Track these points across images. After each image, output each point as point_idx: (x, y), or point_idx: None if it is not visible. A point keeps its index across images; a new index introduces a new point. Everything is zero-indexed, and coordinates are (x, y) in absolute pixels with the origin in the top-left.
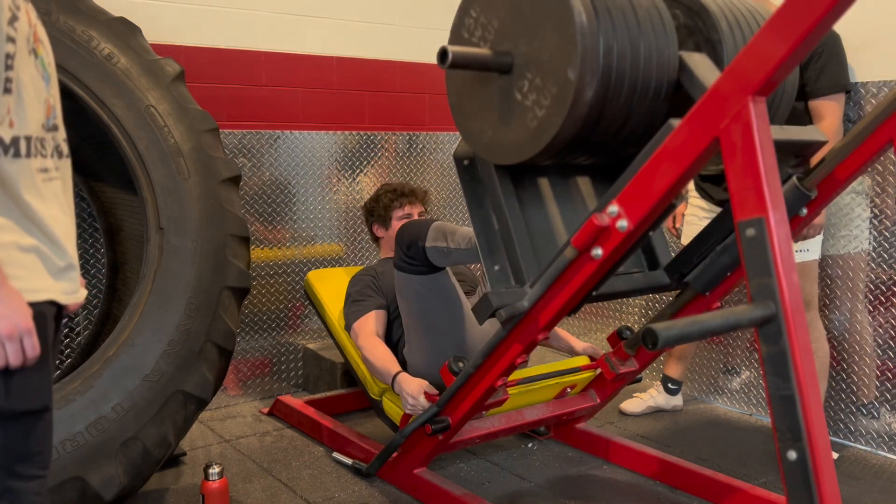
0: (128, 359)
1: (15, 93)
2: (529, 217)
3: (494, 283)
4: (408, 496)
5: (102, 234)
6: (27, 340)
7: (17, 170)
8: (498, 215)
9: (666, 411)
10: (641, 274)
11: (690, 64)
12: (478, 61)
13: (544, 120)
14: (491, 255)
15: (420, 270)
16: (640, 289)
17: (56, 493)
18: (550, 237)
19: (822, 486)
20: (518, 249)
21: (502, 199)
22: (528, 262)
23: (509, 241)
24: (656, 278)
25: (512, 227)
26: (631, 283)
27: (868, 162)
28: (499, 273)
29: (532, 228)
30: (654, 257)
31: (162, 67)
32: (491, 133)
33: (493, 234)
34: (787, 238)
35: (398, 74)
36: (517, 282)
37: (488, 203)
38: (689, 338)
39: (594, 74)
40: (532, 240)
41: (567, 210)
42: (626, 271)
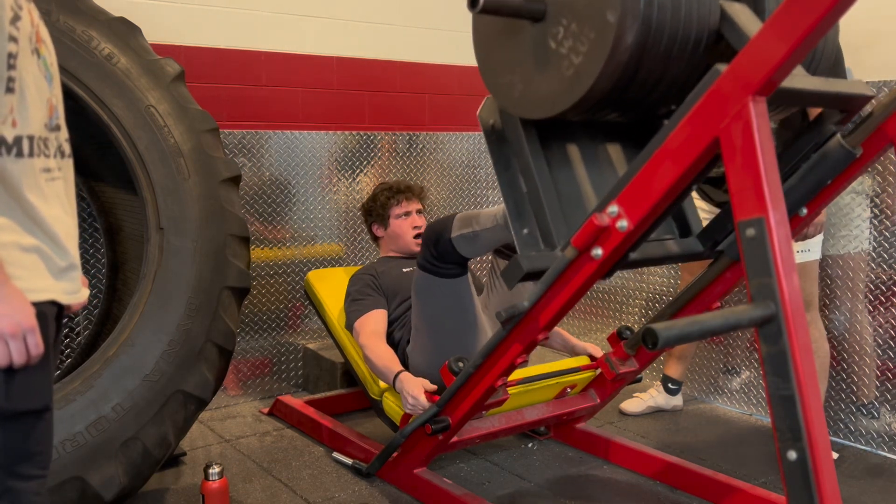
0: (128, 359)
1: (18, 92)
2: (558, 180)
3: (524, 247)
4: (408, 496)
5: (102, 234)
6: (30, 339)
7: (20, 169)
8: (526, 177)
9: (666, 411)
10: (674, 241)
11: (732, 13)
12: (510, 6)
13: (581, 68)
14: (519, 218)
15: (445, 272)
16: (675, 255)
17: (56, 493)
18: (579, 201)
19: (822, 486)
20: (548, 212)
21: (530, 159)
22: (558, 224)
23: (538, 204)
24: (689, 245)
25: (541, 189)
26: (664, 249)
27: (868, 162)
28: (528, 237)
29: (561, 192)
30: (686, 224)
31: (162, 67)
32: (522, 86)
33: (521, 197)
34: (787, 238)
35: (398, 74)
36: (547, 245)
37: (515, 165)
38: (689, 338)
39: (635, 18)
40: (561, 203)
41: (596, 175)
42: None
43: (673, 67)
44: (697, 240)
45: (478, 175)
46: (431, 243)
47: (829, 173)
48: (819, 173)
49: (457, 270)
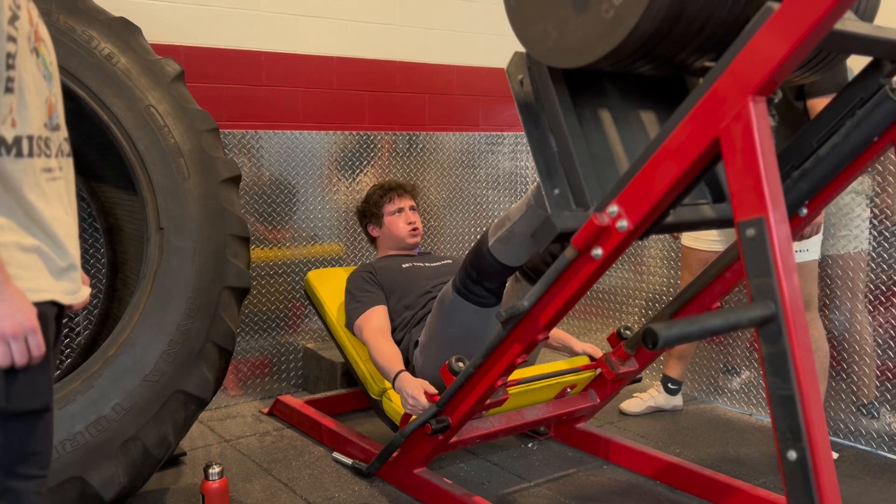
0: (128, 359)
1: (17, 92)
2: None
3: (554, 206)
4: (408, 496)
5: (102, 234)
6: (32, 339)
7: (20, 169)
8: (556, 134)
9: (666, 411)
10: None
11: None
12: None
13: (622, 9)
14: (550, 177)
15: (479, 301)
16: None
17: (56, 493)
18: (611, 161)
19: (822, 486)
20: (580, 170)
21: (561, 115)
22: (591, 184)
23: (570, 162)
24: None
25: (573, 147)
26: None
27: (868, 162)
28: (559, 197)
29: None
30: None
31: (162, 67)
32: (556, 34)
33: (552, 156)
34: (787, 238)
35: (398, 74)
36: (579, 205)
37: (545, 122)
38: (689, 337)
39: None
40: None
41: (627, 136)
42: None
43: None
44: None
45: (478, 175)
46: (471, 265)
47: (877, 128)
48: (866, 129)
49: (491, 300)
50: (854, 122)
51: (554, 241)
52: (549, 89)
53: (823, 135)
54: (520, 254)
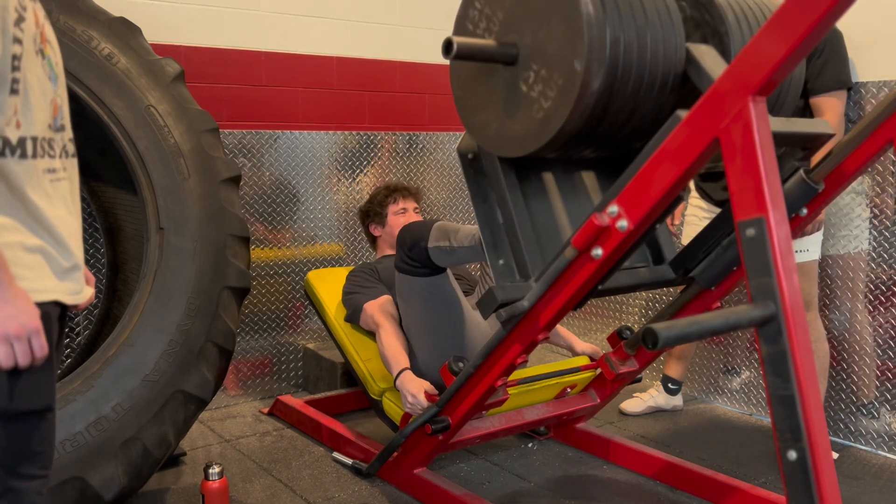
0: (128, 359)
1: (22, 94)
2: (534, 211)
3: (499, 277)
4: (408, 496)
5: (102, 234)
6: (35, 340)
7: (24, 170)
8: (502, 209)
9: (666, 411)
10: (647, 269)
11: (697, 55)
12: (483, 52)
13: (550, 111)
14: (495, 249)
15: (422, 272)
16: (646, 283)
17: (56, 493)
18: (555, 232)
19: (822, 486)
20: (523, 244)
21: (507, 192)
22: (533, 256)
23: (514, 236)
24: (662, 273)
25: (516, 221)
26: (636, 277)
27: (868, 162)
28: (503, 267)
29: (537, 223)
30: (659, 252)
31: (162, 67)
32: (496, 125)
33: (498, 229)
34: (787, 238)
35: (398, 74)
36: (522, 276)
37: (493, 197)
38: (689, 338)
39: (601, 65)
40: (537, 234)
41: (572, 204)
42: (632, 266)
43: (641, 108)
44: (670, 267)
45: None
46: (406, 247)
47: (793, 206)
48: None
49: (436, 270)
50: None
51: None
52: (496, 168)
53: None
54: (454, 265)
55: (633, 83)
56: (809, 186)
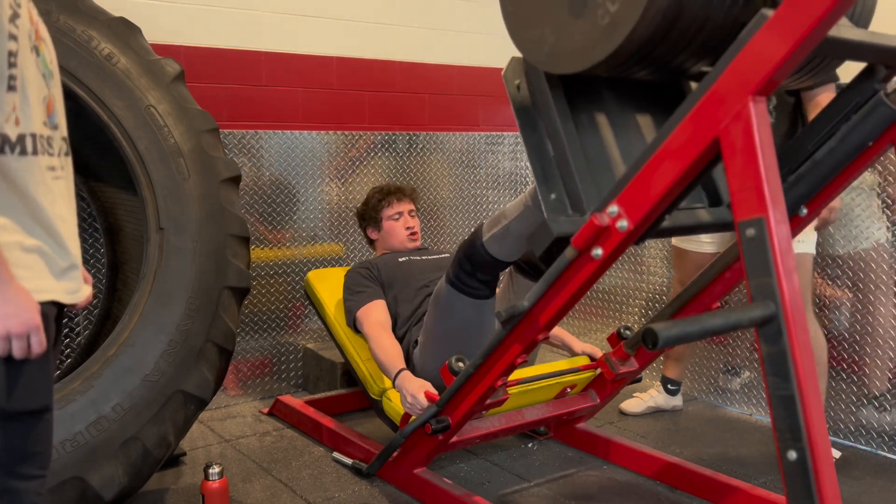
0: (128, 359)
1: (20, 90)
2: (586, 144)
3: (551, 211)
4: (408, 496)
5: (102, 234)
6: (34, 337)
7: (24, 167)
8: (553, 140)
9: (666, 411)
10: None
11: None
12: None
13: (618, 15)
14: (547, 182)
15: (473, 292)
16: (706, 224)
17: (56, 493)
18: (608, 165)
19: (822, 486)
20: (576, 175)
21: (558, 121)
22: (588, 189)
23: (566, 167)
24: (720, 215)
25: (569, 152)
26: (695, 218)
27: (868, 163)
28: (555, 202)
29: (589, 156)
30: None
31: (162, 67)
32: (553, 39)
33: (549, 161)
34: (787, 238)
35: (398, 74)
36: (575, 210)
37: (542, 127)
38: (690, 337)
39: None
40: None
41: (624, 140)
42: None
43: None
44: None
45: (478, 175)
46: (464, 257)
47: (871, 133)
48: (861, 134)
49: (485, 292)
50: (849, 127)
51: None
52: (546, 95)
53: (819, 139)
54: (514, 251)
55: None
56: (891, 110)
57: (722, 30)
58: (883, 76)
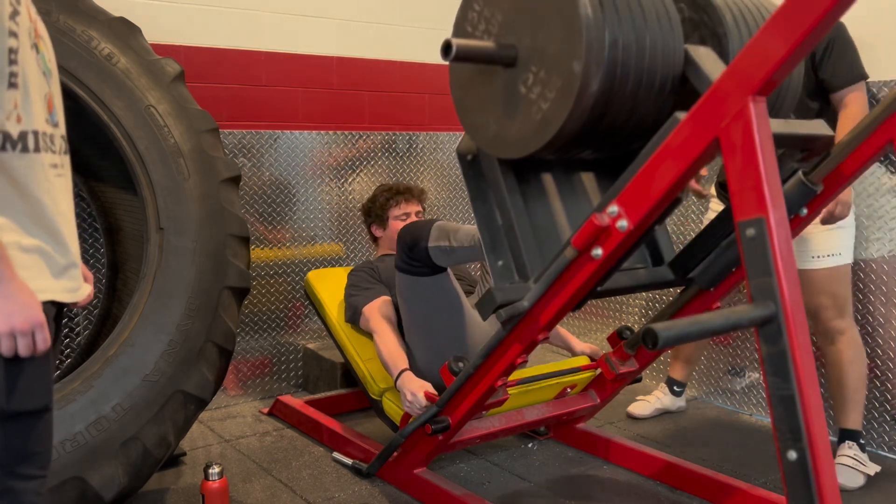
0: (128, 359)
1: (21, 87)
2: (533, 212)
3: (498, 278)
4: (408, 496)
5: (102, 234)
6: (39, 334)
7: (26, 165)
8: (501, 210)
9: (671, 412)
10: (645, 270)
11: (696, 57)
12: (482, 54)
13: (549, 113)
14: (494, 250)
15: (422, 272)
16: (645, 284)
17: (56, 493)
18: (554, 233)
19: (822, 486)
20: (522, 245)
21: (506, 194)
22: (532, 257)
23: (513, 237)
24: (661, 274)
25: (515, 223)
26: (635, 278)
27: (868, 162)
28: (502, 268)
29: (536, 224)
30: (658, 253)
31: (162, 67)
32: (495, 127)
33: (497, 230)
34: (787, 238)
35: (398, 74)
36: (521, 277)
37: (492, 198)
38: (689, 338)
39: (599, 66)
40: (536, 235)
41: (571, 206)
42: (630, 267)
43: (639, 109)
44: (669, 268)
45: None
46: (407, 246)
47: (791, 208)
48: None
49: (437, 269)
50: None
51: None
52: (495, 169)
53: None
54: (454, 265)
55: (631, 84)
56: (808, 188)
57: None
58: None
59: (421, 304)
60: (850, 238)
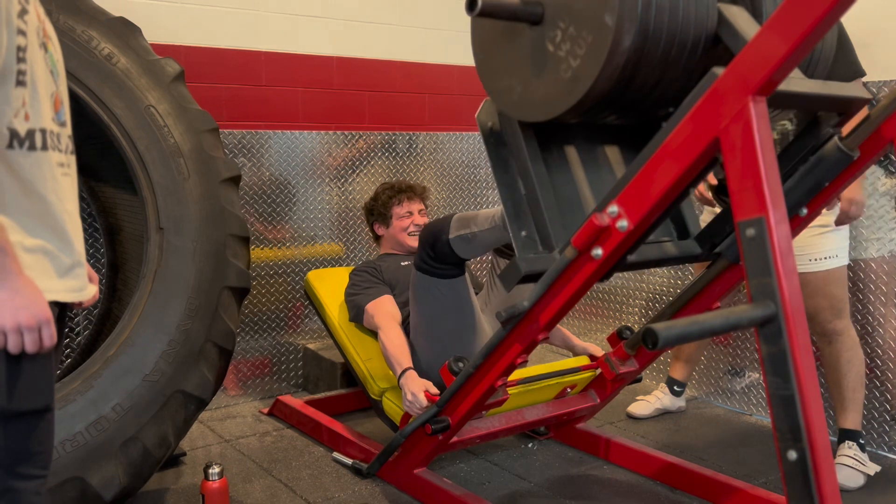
0: (128, 359)
1: (29, 85)
2: (556, 182)
3: (522, 249)
4: (408, 496)
5: (102, 234)
6: (45, 330)
7: (33, 163)
8: (524, 179)
9: (671, 412)
10: (672, 243)
11: (729, 16)
12: (507, 10)
13: (579, 70)
14: (517, 220)
15: (441, 273)
16: (672, 258)
17: (56, 493)
18: (578, 203)
19: (822, 486)
20: (546, 214)
21: (529, 162)
22: (556, 227)
23: (536, 206)
24: (687, 247)
25: (539, 192)
26: (662, 251)
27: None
28: (526, 239)
29: (559, 194)
30: (684, 226)
31: (162, 67)
32: (520, 89)
33: (520, 200)
34: (787, 238)
35: (398, 74)
36: (545, 247)
37: (514, 167)
38: (690, 338)
39: (633, 21)
40: (559, 205)
41: (595, 177)
42: (657, 240)
43: (670, 70)
44: (695, 242)
45: (477, 175)
46: (429, 244)
47: (826, 175)
48: (817, 175)
49: (455, 271)
50: (807, 168)
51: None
52: (518, 137)
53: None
54: (477, 254)
55: (664, 43)
56: (844, 154)
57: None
58: (835, 122)
59: (433, 304)
60: (844, 240)
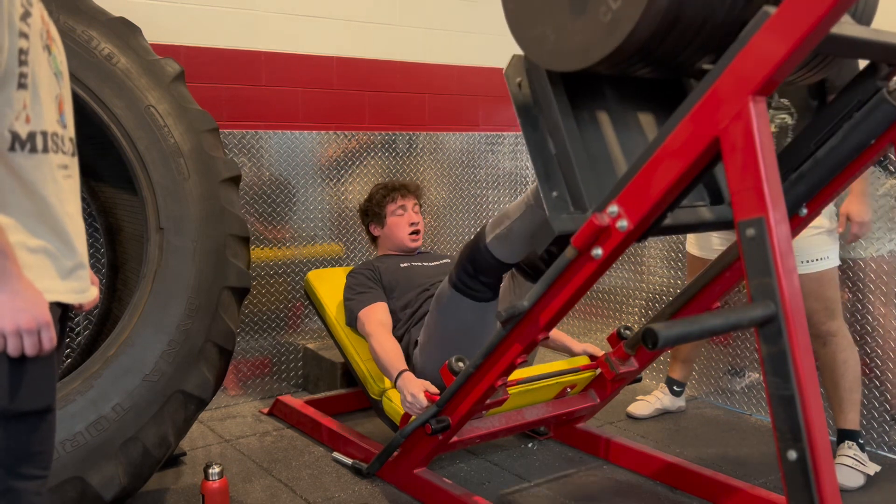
0: (128, 359)
1: (31, 88)
2: (587, 141)
3: (553, 209)
4: (408, 496)
5: (102, 234)
6: (45, 333)
7: (34, 165)
8: (554, 137)
9: (670, 412)
10: (706, 208)
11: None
12: None
13: (620, 12)
14: (548, 180)
15: (477, 295)
16: (707, 222)
17: (56, 493)
18: (609, 163)
19: (822, 486)
20: (578, 172)
21: (560, 117)
22: (589, 186)
23: (568, 165)
24: (721, 213)
25: (570, 149)
26: (697, 216)
27: (868, 161)
28: (557, 199)
29: (591, 153)
30: (717, 191)
31: (162, 67)
32: (554, 37)
33: (550, 159)
34: (787, 238)
35: (398, 74)
36: (577, 208)
37: (543, 125)
38: (690, 337)
39: None
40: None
41: (625, 137)
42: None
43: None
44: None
45: (477, 175)
46: (468, 260)
47: (874, 132)
48: (864, 131)
49: (488, 294)
50: (851, 125)
51: (552, 243)
52: (548, 92)
53: (821, 137)
54: (517, 251)
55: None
56: (893, 108)
57: (723, 27)
58: (885, 74)
59: (458, 323)
60: (835, 241)
